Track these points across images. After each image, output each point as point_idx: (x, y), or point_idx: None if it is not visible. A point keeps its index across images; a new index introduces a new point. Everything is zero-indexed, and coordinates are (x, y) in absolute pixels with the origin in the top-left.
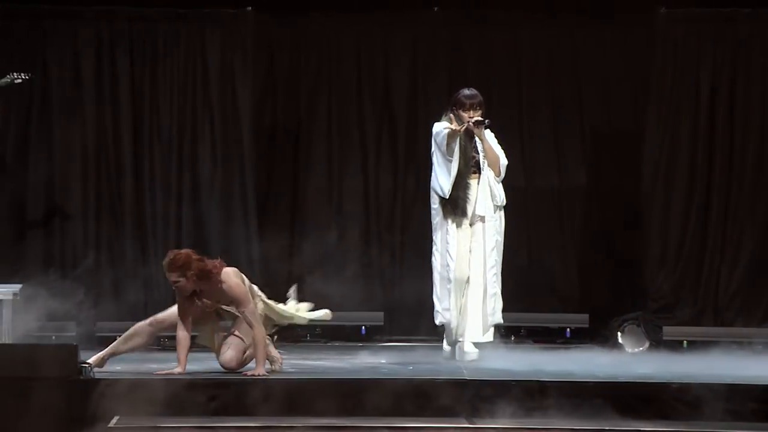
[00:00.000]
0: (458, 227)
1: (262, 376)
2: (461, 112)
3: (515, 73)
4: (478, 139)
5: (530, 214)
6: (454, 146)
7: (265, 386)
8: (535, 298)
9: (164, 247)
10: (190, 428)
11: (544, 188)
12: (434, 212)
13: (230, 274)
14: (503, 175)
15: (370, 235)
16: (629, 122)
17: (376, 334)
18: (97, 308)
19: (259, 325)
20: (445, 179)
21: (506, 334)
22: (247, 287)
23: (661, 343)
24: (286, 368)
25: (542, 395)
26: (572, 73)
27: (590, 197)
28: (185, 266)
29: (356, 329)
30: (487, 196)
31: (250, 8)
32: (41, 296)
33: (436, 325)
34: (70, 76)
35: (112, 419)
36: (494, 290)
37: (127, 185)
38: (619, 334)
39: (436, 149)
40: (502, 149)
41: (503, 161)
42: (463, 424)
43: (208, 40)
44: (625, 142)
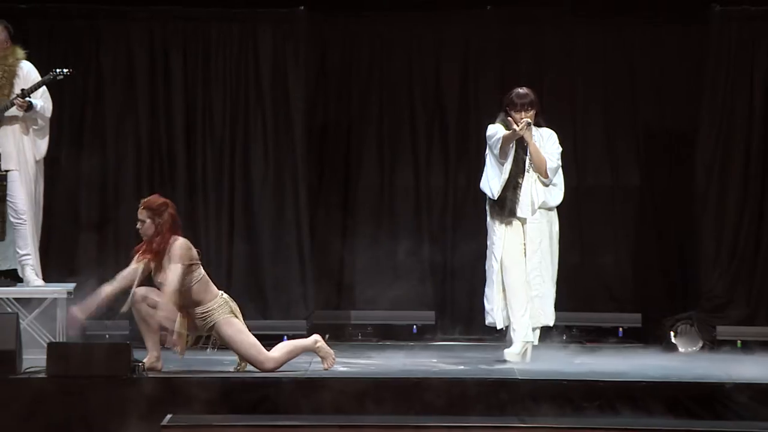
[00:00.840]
0: (507, 227)
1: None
2: (513, 112)
3: (568, 71)
4: (526, 142)
5: (583, 213)
6: (508, 149)
7: (317, 385)
8: (587, 297)
9: (216, 244)
10: (241, 427)
11: (597, 187)
12: (486, 213)
13: (183, 240)
14: (552, 178)
15: (421, 233)
16: (683, 121)
17: (427, 333)
18: None
19: (172, 291)
20: (496, 181)
21: (558, 333)
22: (190, 259)
23: (714, 343)
24: (337, 366)
25: (592, 395)
26: (626, 71)
27: (643, 196)
28: (159, 211)
29: (408, 328)
30: (528, 198)
31: (302, 7)
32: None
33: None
34: (123, 75)
35: (165, 417)
36: (536, 292)
37: (179, 184)
38: (672, 333)
39: (489, 151)
40: (559, 149)
41: (550, 164)
42: (514, 423)
43: (260, 39)
44: (678, 141)
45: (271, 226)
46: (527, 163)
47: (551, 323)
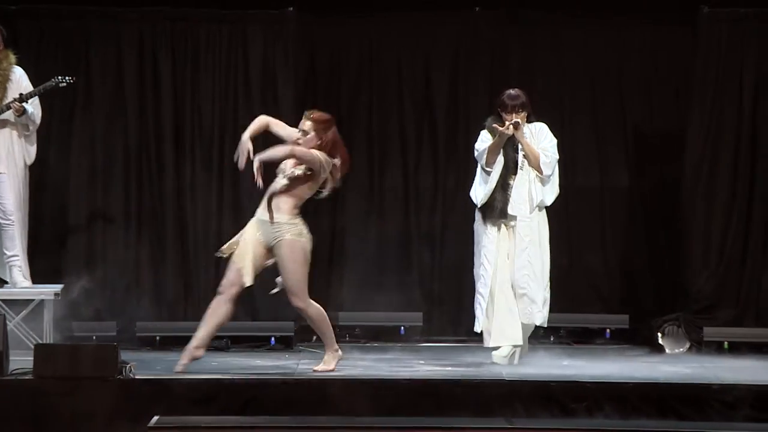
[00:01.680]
0: (498, 230)
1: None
2: (504, 114)
3: (557, 72)
4: (518, 141)
5: (571, 214)
6: (495, 158)
7: (305, 386)
8: (575, 298)
9: (204, 247)
10: (229, 428)
11: (585, 188)
12: (475, 218)
13: (343, 162)
14: (548, 172)
15: (410, 234)
16: (672, 123)
17: (415, 334)
18: (137, 308)
19: (306, 150)
20: (481, 189)
21: (546, 335)
22: (333, 180)
23: (701, 344)
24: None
25: (580, 397)
26: (615, 72)
27: (632, 197)
28: (326, 126)
29: (395, 329)
30: (522, 196)
31: (291, 9)
32: (82, 297)
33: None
34: (112, 76)
35: (152, 419)
36: (523, 290)
37: (168, 186)
38: (659, 335)
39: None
40: (554, 140)
41: (543, 159)
42: (502, 424)
43: (249, 40)
44: (667, 142)
45: None
46: (520, 161)
47: (539, 322)
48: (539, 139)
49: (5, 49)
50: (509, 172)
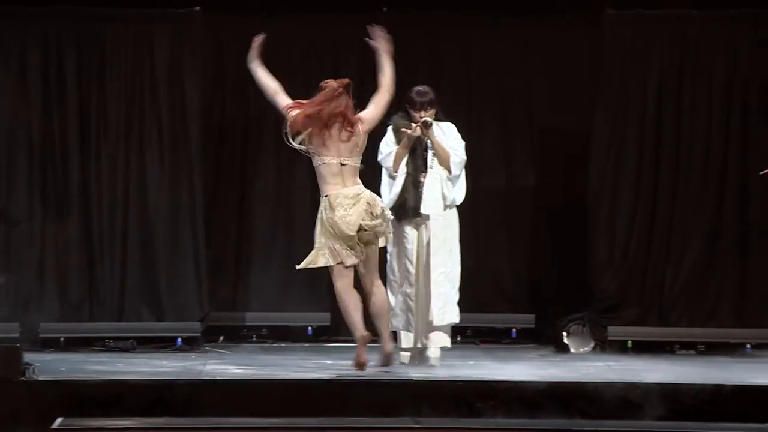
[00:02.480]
0: (413, 228)
1: None
2: (412, 111)
3: (464, 73)
4: (428, 139)
5: (478, 214)
6: (400, 164)
7: (211, 387)
8: (481, 298)
9: (111, 246)
10: (134, 429)
11: (491, 188)
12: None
13: None
14: (457, 172)
15: None
16: (577, 123)
17: (323, 334)
18: (41, 309)
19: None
20: (387, 193)
21: (453, 334)
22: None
23: (606, 343)
24: (231, 368)
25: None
26: (521, 73)
27: (538, 198)
28: (348, 88)
29: (303, 329)
30: (434, 195)
31: (198, 8)
32: None
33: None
34: (16, 76)
35: (56, 421)
36: (441, 290)
37: (73, 186)
38: (564, 334)
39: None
40: (462, 141)
41: (454, 158)
42: (409, 424)
43: (156, 39)
44: (573, 143)
45: (166, 228)
46: (429, 159)
47: (457, 320)
48: (449, 139)
49: None
50: (419, 170)
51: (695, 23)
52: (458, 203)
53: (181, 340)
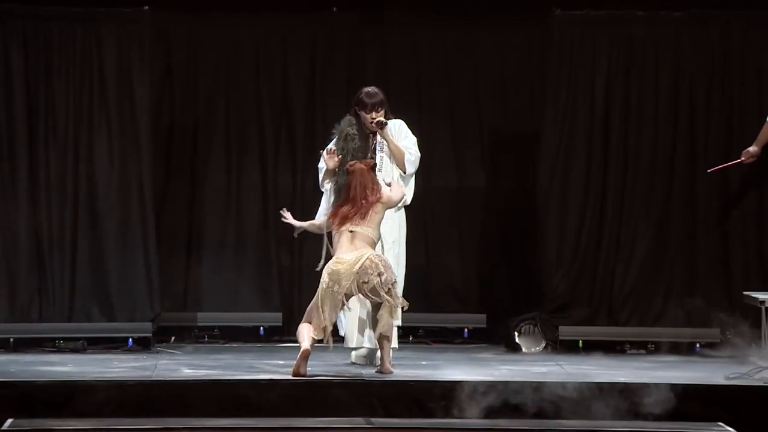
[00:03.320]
0: None
1: None
2: (363, 112)
3: (413, 73)
4: (383, 140)
5: (428, 213)
6: (326, 182)
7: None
8: (432, 298)
9: (60, 245)
10: (84, 430)
11: (442, 188)
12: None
13: None
14: (412, 170)
15: (268, 234)
16: (526, 123)
17: (274, 334)
18: None
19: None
20: (324, 205)
21: (404, 334)
22: None
23: (557, 343)
24: (182, 369)
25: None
26: (470, 74)
27: (488, 197)
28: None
29: (255, 330)
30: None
31: (147, 7)
32: None
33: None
34: None
35: (5, 422)
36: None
37: (21, 183)
38: (516, 334)
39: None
40: (414, 138)
41: (408, 157)
42: (361, 424)
43: (104, 39)
44: (522, 143)
45: (116, 227)
46: (378, 162)
47: (399, 323)
48: (400, 137)
49: None
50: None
51: (641, 24)
52: (408, 203)
53: (132, 340)
